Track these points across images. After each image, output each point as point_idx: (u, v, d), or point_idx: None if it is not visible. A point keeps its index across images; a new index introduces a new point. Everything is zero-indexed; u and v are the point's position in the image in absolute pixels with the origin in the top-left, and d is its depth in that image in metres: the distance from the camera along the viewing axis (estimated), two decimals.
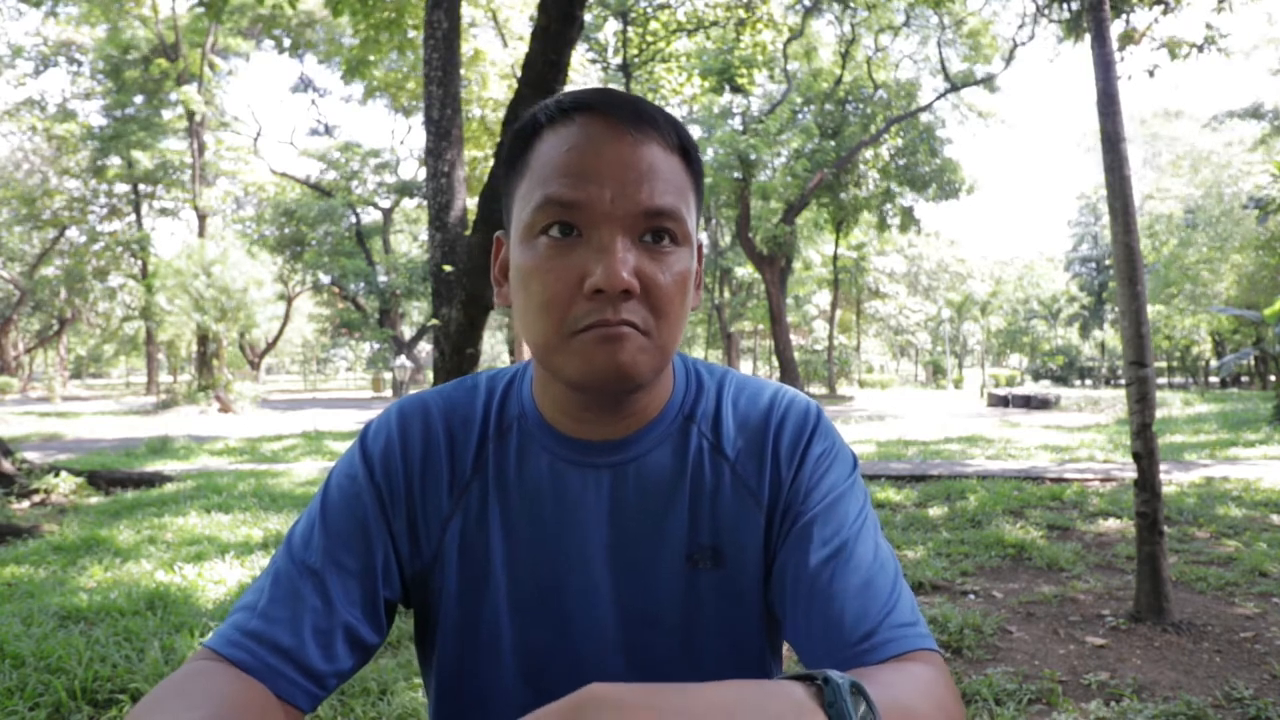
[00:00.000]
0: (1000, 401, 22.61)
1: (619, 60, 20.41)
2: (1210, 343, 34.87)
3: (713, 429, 0.76)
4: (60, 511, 6.35)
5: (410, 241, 38.12)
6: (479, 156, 17.94)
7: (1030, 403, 21.25)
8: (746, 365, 44.29)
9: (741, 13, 19.49)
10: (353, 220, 31.94)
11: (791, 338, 29.22)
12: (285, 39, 27.83)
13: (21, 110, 30.32)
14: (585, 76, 19.41)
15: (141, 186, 31.70)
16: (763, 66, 22.90)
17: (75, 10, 24.69)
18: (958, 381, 45.86)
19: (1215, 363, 31.03)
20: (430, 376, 12.10)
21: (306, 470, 8.58)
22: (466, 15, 16.25)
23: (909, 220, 26.86)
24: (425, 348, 32.68)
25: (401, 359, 25.11)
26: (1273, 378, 24.01)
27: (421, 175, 27.67)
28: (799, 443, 0.74)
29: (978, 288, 53.95)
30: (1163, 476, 4.06)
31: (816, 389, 34.58)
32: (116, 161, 29.75)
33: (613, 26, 20.96)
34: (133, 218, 33.01)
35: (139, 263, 32.10)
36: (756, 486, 0.74)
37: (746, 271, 32.05)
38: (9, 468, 6.74)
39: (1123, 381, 3.94)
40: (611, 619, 0.74)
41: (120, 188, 32.12)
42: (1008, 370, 46.71)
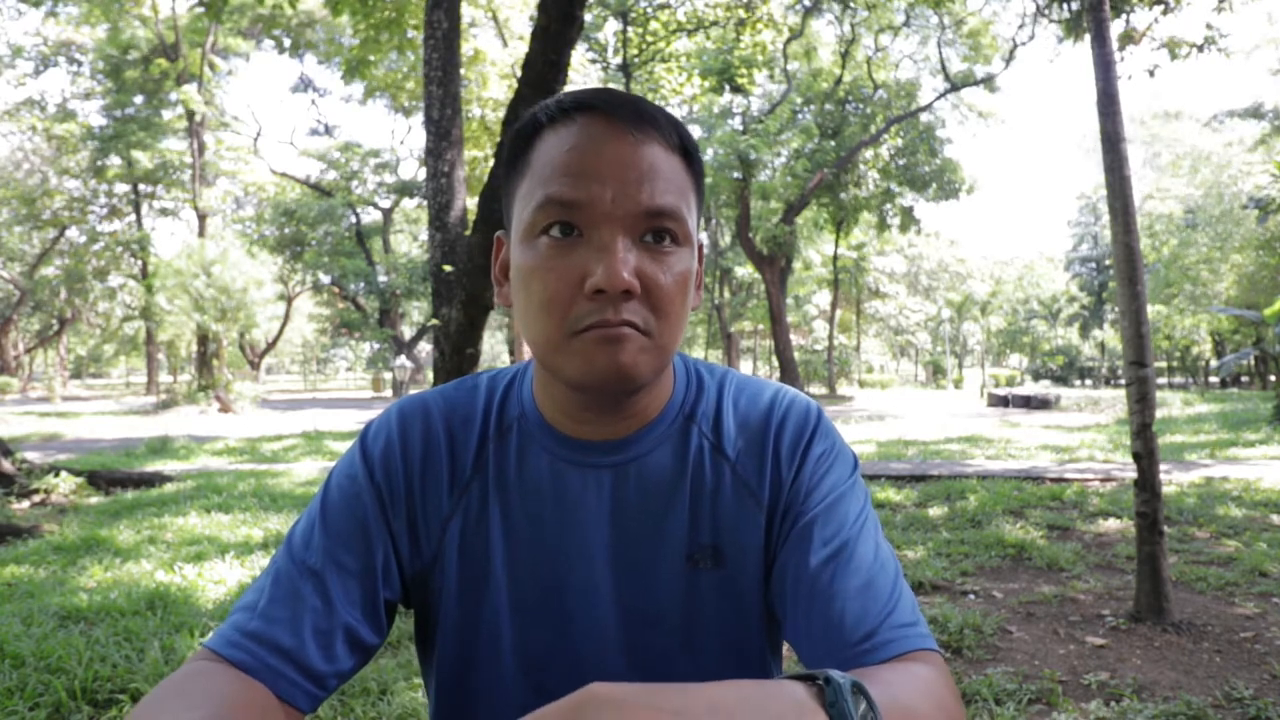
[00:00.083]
0: (1000, 401, 22.61)
1: (619, 60, 20.40)
2: (1210, 343, 34.88)
3: (713, 429, 0.76)
4: (60, 511, 6.35)
5: (410, 241, 38.13)
6: (479, 156, 17.91)
7: (1030, 403, 21.25)
8: (746, 365, 44.28)
9: (741, 13, 19.48)
10: (353, 220, 31.95)
11: (791, 338, 29.23)
12: (285, 39, 27.85)
13: (21, 110, 30.33)
14: (585, 76, 19.40)
15: (141, 186, 31.70)
16: (763, 66, 22.89)
17: (75, 10, 24.68)
18: (958, 381, 45.87)
19: (1215, 363, 31.02)
20: (430, 376, 12.10)
21: (306, 470, 8.58)
22: (466, 15, 16.25)
23: (909, 220, 26.87)
24: (425, 348, 32.69)
25: (401, 359, 25.11)
26: (1273, 378, 24.02)
27: (421, 175, 27.64)
28: (799, 443, 0.74)
29: (978, 288, 53.95)
30: (1163, 476, 4.06)
31: (816, 389, 34.58)
32: (116, 161, 29.75)
33: (613, 26, 20.96)
34: (133, 218, 33.02)
35: (139, 263, 32.12)
36: (757, 486, 0.74)
37: (746, 271, 32.06)
38: (9, 468, 6.74)
39: (1123, 381, 3.94)
40: (612, 619, 0.74)
41: (120, 188, 32.14)
42: (1008, 370, 46.72)
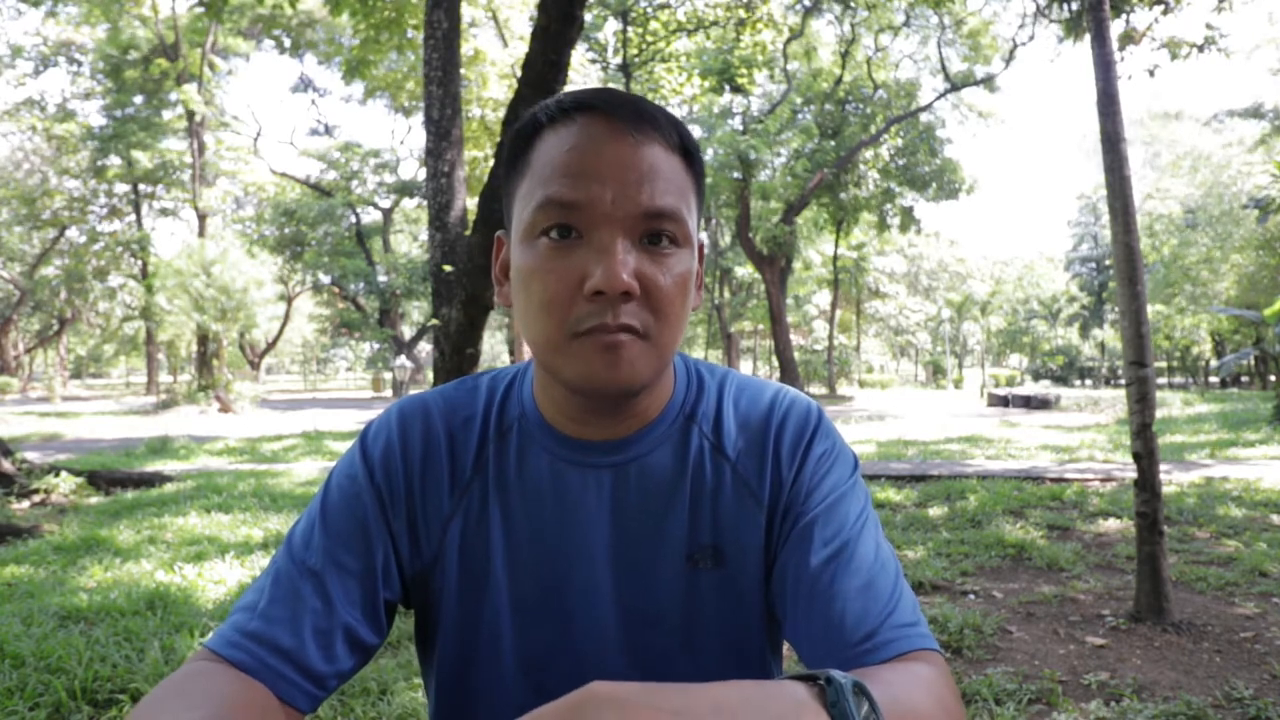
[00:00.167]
0: (1000, 401, 22.61)
1: (619, 60, 20.41)
2: (1210, 343, 34.88)
3: (714, 429, 0.76)
4: (60, 511, 6.35)
5: (410, 241, 38.13)
6: (479, 156, 17.92)
7: (1030, 403, 21.25)
8: (746, 365, 44.28)
9: (741, 13, 19.49)
10: (353, 220, 31.95)
11: (791, 338, 29.23)
12: (285, 39, 27.87)
13: (21, 110, 30.33)
14: (585, 76, 19.40)
15: (141, 186, 31.70)
16: (763, 66, 22.90)
17: (75, 10, 24.69)
18: (958, 381, 45.88)
19: (1215, 363, 31.03)
20: (430, 376, 12.10)
21: (306, 470, 8.58)
22: (466, 15, 16.25)
23: (909, 220, 26.88)
24: (425, 348, 32.70)
25: (401, 359, 25.10)
26: (1273, 378, 24.02)
27: (421, 175, 27.64)
28: (800, 443, 0.74)
29: (978, 288, 53.97)
30: (1163, 476, 4.06)
31: (816, 389, 34.58)
32: (116, 161, 29.75)
33: (613, 26, 20.97)
34: (133, 218, 33.03)
35: (139, 263, 32.12)
36: (757, 486, 0.74)
37: (746, 271, 32.06)
38: (9, 468, 6.74)
39: (1123, 381, 3.94)
40: (612, 619, 0.73)
41: (120, 188, 32.14)
42: (1008, 370, 46.73)
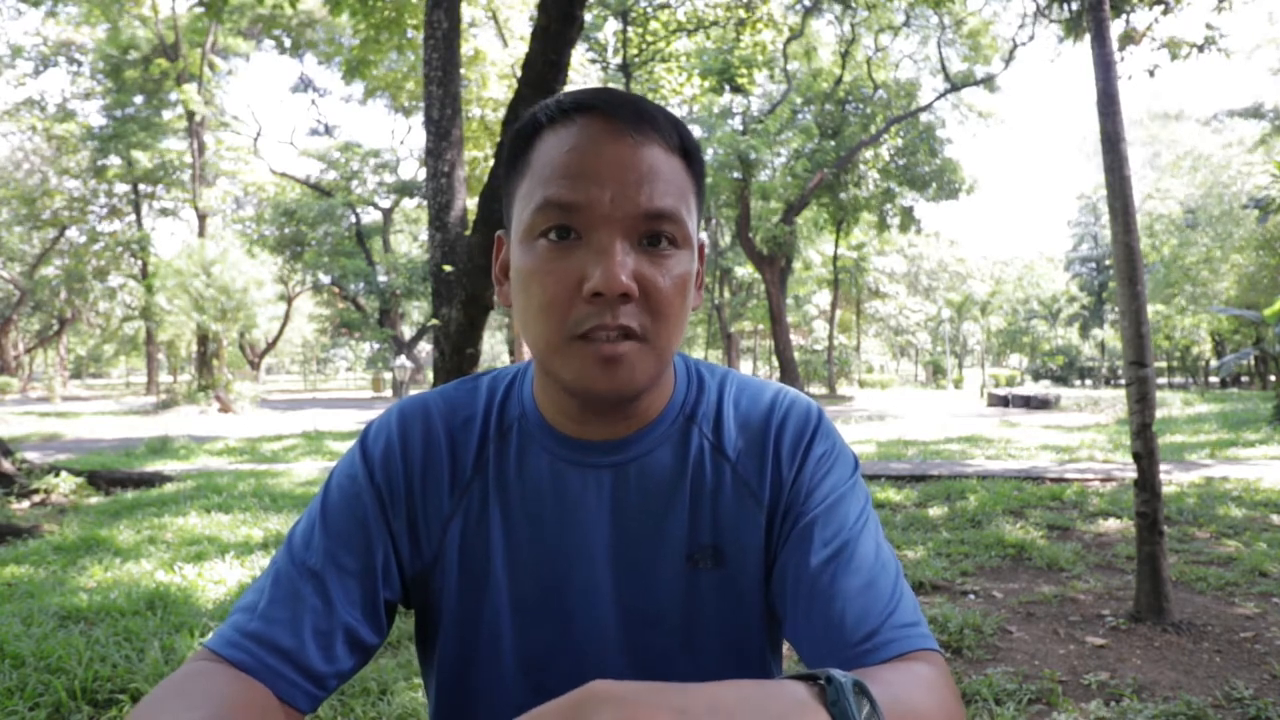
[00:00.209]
0: (1000, 401, 22.61)
1: (619, 60, 20.41)
2: (1210, 343, 34.88)
3: (714, 429, 0.76)
4: (60, 511, 6.35)
5: (410, 241, 38.12)
6: (479, 156, 17.91)
7: (1030, 403, 21.25)
8: (746, 365, 44.28)
9: (741, 13, 19.48)
10: (353, 220, 31.94)
11: (791, 338, 29.23)
12: (285, 39, 27.87)
13: (21, 110, 30.33)
14: (585, 76, 19.40)
15: (141, 186, 31.70)
16: (763, 66, 22.90)
17: (75, 10, 24.68)
18: (958, 381, 45.87)
19: (1215, 363, 31.03)
20: (430, 376, 12.09)
21: (306, 470, 8.58)
22: (466, 15, 16.25)
23: (909, 220, 26.87)
24: (425, 348, 32.70)
25: (401, 359, 25.08)
26: (1273, 378, 24.02)
27: (421, 175, 27.66)
28: (800, 443, 0.74)
29: (978, 288, 53.95)
30: (1163, 476, 4.06)
31: (816, 389, 34.58)
32: (116, 161, 29.75)
33: (613, 26, 20.96)
34: (133, 218, 33.02)
35: (139, 263, 32.11)
36: (757, 487, 0.74)
37: (746, 271, 32.05)
38: (9, 468, 6.74)
39: (1123, 381, 3.94)
40: (612, 619, 0.74)
41: (120, 188, 32.13)
42: (1008, 370, 46.72)
